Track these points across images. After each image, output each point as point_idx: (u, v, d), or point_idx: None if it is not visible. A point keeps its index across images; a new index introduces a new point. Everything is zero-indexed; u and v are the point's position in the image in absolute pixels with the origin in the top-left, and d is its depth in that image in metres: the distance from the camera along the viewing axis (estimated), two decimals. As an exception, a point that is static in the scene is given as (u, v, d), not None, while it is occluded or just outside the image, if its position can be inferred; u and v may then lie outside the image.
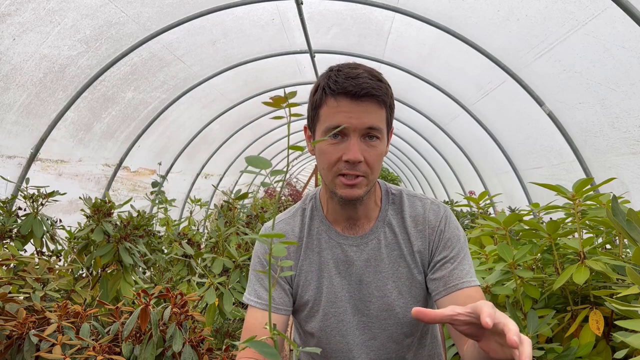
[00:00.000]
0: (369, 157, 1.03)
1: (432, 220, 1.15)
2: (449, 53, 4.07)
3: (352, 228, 1.17)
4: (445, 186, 7.92)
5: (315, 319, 1.16)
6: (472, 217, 4.39)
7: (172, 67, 4.17)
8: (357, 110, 1.01)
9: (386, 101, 1.04)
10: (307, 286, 1.16)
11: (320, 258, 1.17)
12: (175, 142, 5.61)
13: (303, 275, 1.17)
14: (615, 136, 2.88)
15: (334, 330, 1.16)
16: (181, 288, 2.34)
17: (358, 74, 1.01)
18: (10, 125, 2.98)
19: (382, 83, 1.04)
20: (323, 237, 1.18)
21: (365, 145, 1.03)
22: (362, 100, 1.00)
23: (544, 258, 1.57)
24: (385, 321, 1.15)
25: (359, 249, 1.15)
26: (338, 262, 1.15)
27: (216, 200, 8.05)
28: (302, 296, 1.17)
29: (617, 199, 1.13)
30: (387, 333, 1.15)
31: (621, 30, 2.38)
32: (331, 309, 1.15)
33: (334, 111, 1.02)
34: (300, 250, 1.18)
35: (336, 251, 1.16)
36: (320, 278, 1.16)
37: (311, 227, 1.19)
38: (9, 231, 2.20)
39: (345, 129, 1.01)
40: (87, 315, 1.21)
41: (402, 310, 1.14)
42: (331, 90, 1.02)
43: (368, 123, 1.01)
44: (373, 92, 1.00)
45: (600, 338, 1.27)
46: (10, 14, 2.46)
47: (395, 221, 1.17)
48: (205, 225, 4.94)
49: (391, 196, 1.20)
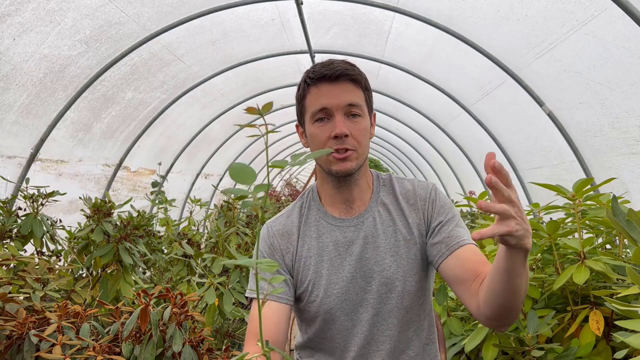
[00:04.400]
0: (354, 131, 1.14)
1: (422, 194, 1.25)
2: (449, 53, 4.07)
3: (348, 211, 1.25)
4: (445, 186, 7.92)
5: (318, 299, 1.21)
6: (472, 217, 4.39)
7: (172, 67, 4.17)
8: (336, 90, 1.13)
9: (361, 81, 1.17)
10: (307, 270, 1.22)
11: (318, 243, 1.23)
12: (175, 142, 5.60)
13: (302, 260, 1.23)
14: (615, 136, 2.88)
15: (338, 309, 1.20)
16: (181, 288, 2.34)
17: (332, 61, 1.16)
18: (10, 125, 2.98)
19: (355, 67, 1.17)
20: (321, 224, 1.25)
21: (349, 122, 1.14)
22: (338, 81, 1.13)
23: (544, 258, 1.57)
24: (385, 295, 1.19)
25: (356, 228, 1.22)
26: (338, 244, 1.22)
27: (216, 200, 8.05)
28: (303, 281, 1.22)
29: (617, 199, 1.13)
30: (388, 307, 1.20)
31: (621, 30, 2.38)
32: (334, 290, 1.20)
33: (316, 96, 1.15)
34: (297, 239, 1.25)
35: (335, 234, 1.23)
36: (320, 261, 1.22)
37: (309, 217, 1.27)
38: (9, 231, 2.20)
39: (329, 109, 1.13)
40: (87, 316, 1.21)
41: (401, 284, 1.19)
42: (311, 80, 1.15)
43: (348, 100, 1.13)
44: (347, 72, 1.14)
45: (600, 338, 1.27)
46: (10, 14, 2.46)
47: (388, 200, 1.26)
48: (205, 225, 4.94)
49: (381, 180, 1.30)
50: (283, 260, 1.23)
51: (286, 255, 1.24)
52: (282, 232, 1.26)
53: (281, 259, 1.23)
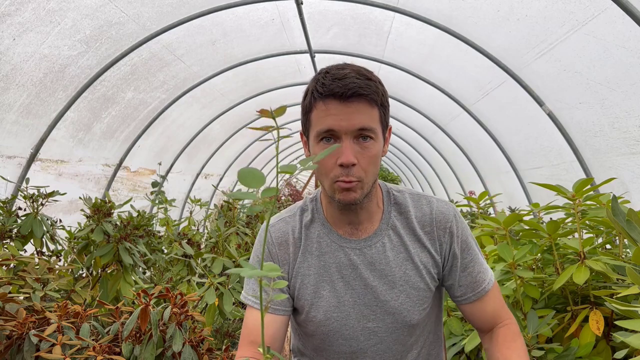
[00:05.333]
0: (363, 159, 1.01)
1: (440, 222, 1.13)
2: (449, 53, 4.07)
3: (354, 232, 1.13)
4: (445, 186, 7.92)
5: (316, 321, 1.13)
6: (472, 217, 4.39)
7: (172, 67, 4.17)
8: (346, 111, 0.98)
9: (376, 99, 1.01)
10: (304, 289, 1.13)
11: (320, 262, 1.13)
12: (175, 142, 5.60)
13: (300, 278, 1.14)
14: (615, 136, 2.88)
15: (337, 334, 1.13)
16: (181, 288, 2.34)
17: (345, 74, 0.99)
18: (10, 125, 2.98)
19: (371, 81, 1.00)
20: (324, 241, 1.14)
21: (358, 147, 1.00)
22: (350, 101, 0.97)
23: (544, 258, 1.57)
24: (391, 325, 1.12)
25: (362, 252, 1.11)
26: (341, 267, 1.12)
27: (216, 200, 8.05)
28: (299, 299, 1.14)
29: (617, 199, 1.13)
30: (393, 337, 1.13)
31: (621, 30, 2.38)
32: (334, 313, 1.12)
33: (323, 115, 1.00)
34: (297, 253, 1.14)
35: (339, 255, 1.12)
36: (320, 282, 1.13)
37: (310, 230, 1.16)
38: (9, 231, 2.20)
39: (337, 132, 0.99)
40: (87, 315, 1.21)
41: (409, 314, 1.11)
42: (319, 94, 1.00)
43: (359, 124, 0.98)
44: (361, 92, 0.97)
45: (600, 338, 1.27)
46: (10, 14, 2.46)
47: (399, 223, 1.14)
48: (205, 225, 4.94)
49: (393, 197, 1.17)
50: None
51: (283, 267, 1.14)
52: (280, 242, 1.16)
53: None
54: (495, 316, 1.14)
